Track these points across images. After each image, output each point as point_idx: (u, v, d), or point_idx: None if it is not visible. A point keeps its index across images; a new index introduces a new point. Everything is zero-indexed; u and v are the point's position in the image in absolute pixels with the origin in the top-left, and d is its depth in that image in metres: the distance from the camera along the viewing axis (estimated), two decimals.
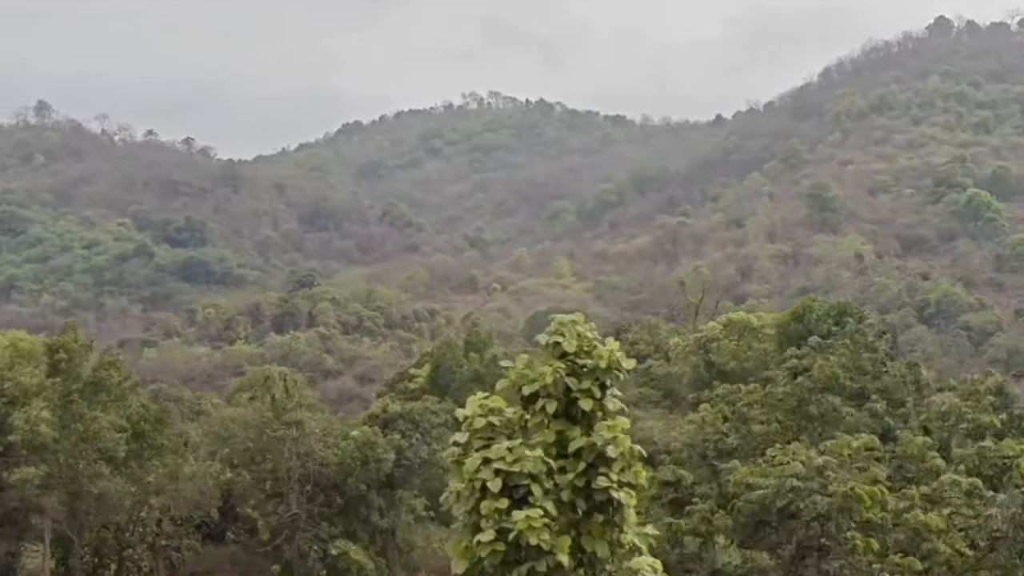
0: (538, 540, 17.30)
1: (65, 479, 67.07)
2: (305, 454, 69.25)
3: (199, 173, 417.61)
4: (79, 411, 68.04)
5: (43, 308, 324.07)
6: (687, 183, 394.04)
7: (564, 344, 18.78)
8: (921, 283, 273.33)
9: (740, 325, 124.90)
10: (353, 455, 69.23)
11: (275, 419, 69.81)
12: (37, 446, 67.13)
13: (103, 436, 68.01)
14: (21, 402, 68.75)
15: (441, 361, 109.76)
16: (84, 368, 71.20)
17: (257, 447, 71.07)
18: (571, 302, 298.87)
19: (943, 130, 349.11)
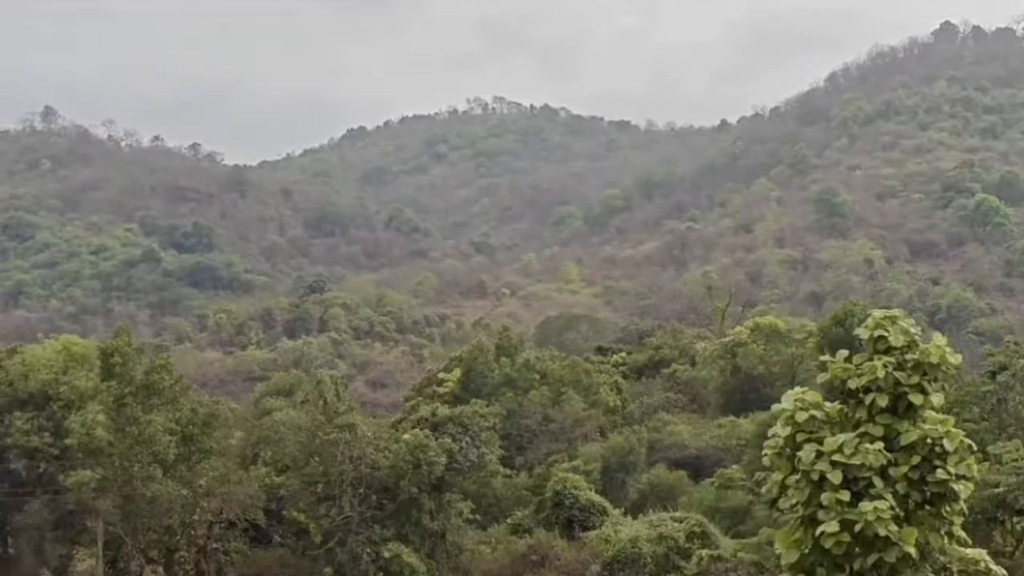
0: (886, 531, 17.66)
1: (119, 482, 67.18)
2: (357, 457, 69.34)
3: (206, 179, 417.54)
4: (133, 414, 68.19)
5: (51, 314, 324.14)
6: (694, 188, 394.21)
7: (891, 339, 18.87)
8: (931, 288, 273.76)
9: (767, 330, 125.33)
10: (405, 458, 69.34)
11: (327, 422, 69.90)
12: (92, 449, 67.31)
13: (156, 439, 68.17)
14: (77, 406, 68.97)
15: (472, 365, 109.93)
16: (137, 371, 71.40)
17: (307, 450, 71.16)
18: (580, 307, 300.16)
19: (951, 135, 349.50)
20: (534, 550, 71.61)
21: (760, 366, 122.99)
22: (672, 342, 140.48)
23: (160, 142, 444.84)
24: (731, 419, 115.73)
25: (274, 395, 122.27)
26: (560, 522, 75.05)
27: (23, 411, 70.38)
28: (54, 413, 70.02)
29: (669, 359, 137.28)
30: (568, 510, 75.73)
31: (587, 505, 76.17)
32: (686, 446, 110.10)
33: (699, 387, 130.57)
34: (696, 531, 72.02)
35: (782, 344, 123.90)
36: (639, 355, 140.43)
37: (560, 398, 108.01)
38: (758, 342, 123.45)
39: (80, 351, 74.33)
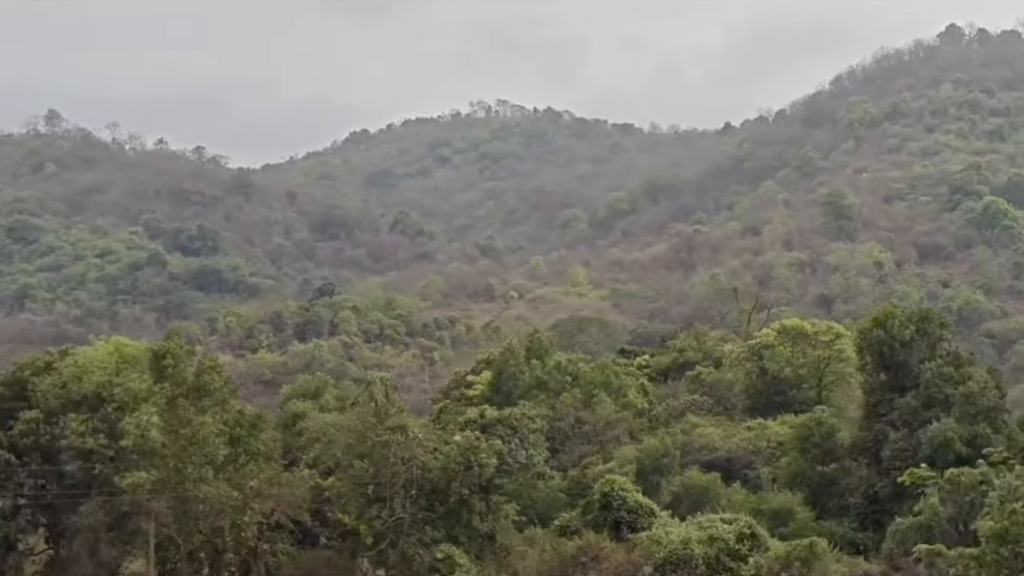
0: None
1: (172, 483, 67.08)
2: (408, 458, 69.24)
3: (210, 182, 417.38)
4: (186, 416, 68.10)
5: (57, 317, 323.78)
6: (699, 191, 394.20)
7: None
8: (941, 291, 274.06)
9: (793, 332, 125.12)
10: (457, 459, 69.24)
11: (378, 424, 69.78)
12: (146, 451, 67.18)
13: (209, 441, 68.08)
14: (131, 407, 68.86)
15: (504, 368, 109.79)
16: (188, 373, 71.32)
17: (356, 452, 71.02)
18: (588, 310, 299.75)
19: (957, 138, 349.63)
20: (583, 551, 71.48)
21: (787, 368, 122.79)
22: (695, 345, 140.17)
23: (164, 145, 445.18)
24: (759, 421, 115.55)
25: (299, 398, 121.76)
26: (608, 524, 74.94)
27: (77, 412, 70.27)
28: (108, 415, 69.83)
29: (693, 362, 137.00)
30: (616, 512, 75.64)
31: (635, 507, 76.10)
32: (716, 448, 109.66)
33: (724, 389, 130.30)
34: (745, 532, 71.98)
35: (808, 346, 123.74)
36: (662, 357, 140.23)
37: (592, 400, 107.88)
38: (784, 344, 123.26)
39: (131, 352, 74.24)
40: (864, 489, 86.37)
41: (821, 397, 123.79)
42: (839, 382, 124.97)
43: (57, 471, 69.65)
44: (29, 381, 73.54)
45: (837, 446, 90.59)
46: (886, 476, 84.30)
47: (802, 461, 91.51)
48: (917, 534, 73.11)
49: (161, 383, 70.39)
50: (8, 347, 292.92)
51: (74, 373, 71.47)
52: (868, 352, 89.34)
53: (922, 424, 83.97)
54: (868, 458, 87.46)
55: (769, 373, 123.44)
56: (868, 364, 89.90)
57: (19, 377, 74.57)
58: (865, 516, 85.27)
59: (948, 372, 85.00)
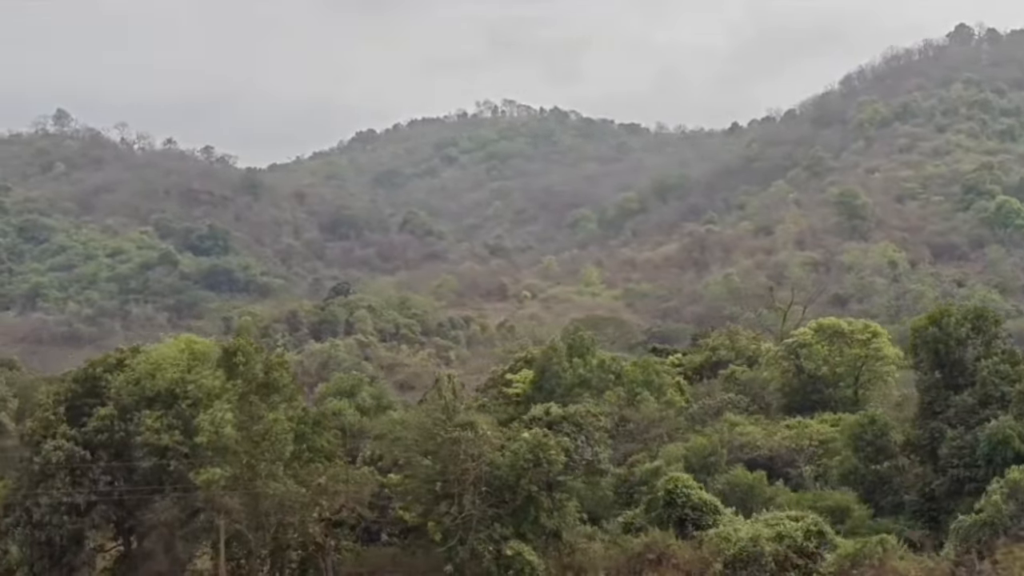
0: None
1: (244, 480, 67.07)
2: (477, 455, 69.26)
3: (219, 182, 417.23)
4: (257, 412, 68.12)
5: (69, 316, 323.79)
6: (709, 191, 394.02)
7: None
8: (956, 290, 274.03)
9: (830, 330, 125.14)
10: (526, 456, 69.25)
11: (447, 421, 69.80)
12: (220, 447, 67.17)
13: (280, 437, 68.12)
14: (204, 404, 68.81)
15: (546, 366, 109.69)
16: (257, 369, 71.26)
17: (423, 449, 71.03)
18: (601, 309, 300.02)
19: (968, 137, 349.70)
20: (650, 548, 71.55)
21: (824, 367, 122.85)
22: (728, 343, 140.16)
23: (172, 145, 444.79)
24: (799, 419, 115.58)
25: (335, 395, 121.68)
26: (672, 521, 74.96)
27: (151, 409, 70.18)
28: (182, 411, 69.79)
29: (726, 360, 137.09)
30: (680, 509, 75.66)
31: (699, 504, 76.14)
32: (758, 447, 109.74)
33: (758, 388, 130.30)
34: (812, 530, 72.04)
35: (845, 345, 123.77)
36: (695, 356, 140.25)
37: (635, 399, 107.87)
38: (821, 343, 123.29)
39: (201, 349, 74.23)
40: (920, 487, 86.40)
41: (858, 396, 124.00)
42: (876, 381, 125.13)
43: (129, 467, 69.57)
44: (101, 378, 73.54)
45: (890, 444, 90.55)
46: (943, 474, 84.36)
47: (854, 459, 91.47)
48: (980, 532, 73.25)
49: (233, 380, 70.40)
50: (21, 346, 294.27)
51: (147, 370, 71.41)
52: (923, 350, 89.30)
53: (979, 422, 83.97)
54: (923, 456, 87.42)
55: (805, 372, 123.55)
56: (923, 362, 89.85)
57: (91, 374, 74.58)
58: (921, 514, 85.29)
59: (1004, 370, 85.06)
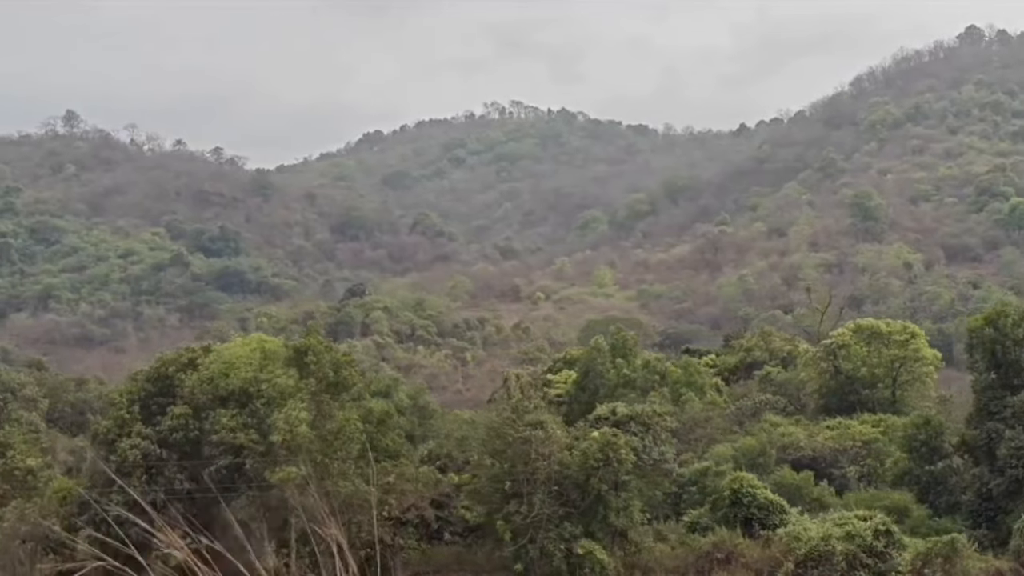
0: None
1: (317, 478, 67.09)
2: (547, 455, 69.31)
3: (229, 183, 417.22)
4: (329, 411, 68.16)
5: (81, 317, 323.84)
6: (719, 192, 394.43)
7: None
8: (972, 292, 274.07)
9: (869, 331, 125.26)
10: (596, 455, 69.31)
11: (517, 420, 69.81)
12: (294, 446, 67.15)
13: (353, 436, 68.18)
14: (278, 403, 68.79)
15: (590, 366, 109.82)
16: (327, 368, 71.27)
17: (492, 448, 71.08)
18: (615, 311, 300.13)
19: (980, 139, 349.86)
20: (718, 548, 71.62)
21: (863, 368, 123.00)
22: (763, 344, 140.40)
23: (182, 146, 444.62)
24: (839, 420, 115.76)
25: (371, 396, 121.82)
26: (738, 520, 75.04)
27: (225, 408, 70.18)
28: (256, 410, 69.80)
29: (760, 361, 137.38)
30: (746, 508, 75.71)
31: (765, 503, 76.17)
32: (801, 447, 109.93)
33: (794, 389, 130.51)
34: (880, 529, 72.06)
35: (883, 346, 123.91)
36: (729, 357, 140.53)
37: (680, 399, 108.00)
38: (860, 344, 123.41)
39: (272, 348, 74.22)
40: (977, 487, 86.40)
41: (895, 396, 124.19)
42: (914, 382, 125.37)
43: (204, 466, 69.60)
44: (174, 377, 73.56)
45: (944, 444, 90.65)
46: (1000, 474, 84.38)
47: (908, 460, 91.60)
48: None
49: (305, 379, 70.44)
50: (34, 348, 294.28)
51: (220, 369, 71.40)
52: (978, 350, 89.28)
53: None
54: (979, 457, 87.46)
55: (843, 372, 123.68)
56: (978, 362, 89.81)
57: (163, 373, 74.56)
58: (978, 514, 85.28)
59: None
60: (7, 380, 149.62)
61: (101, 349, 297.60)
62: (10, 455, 73.03)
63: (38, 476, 72.65)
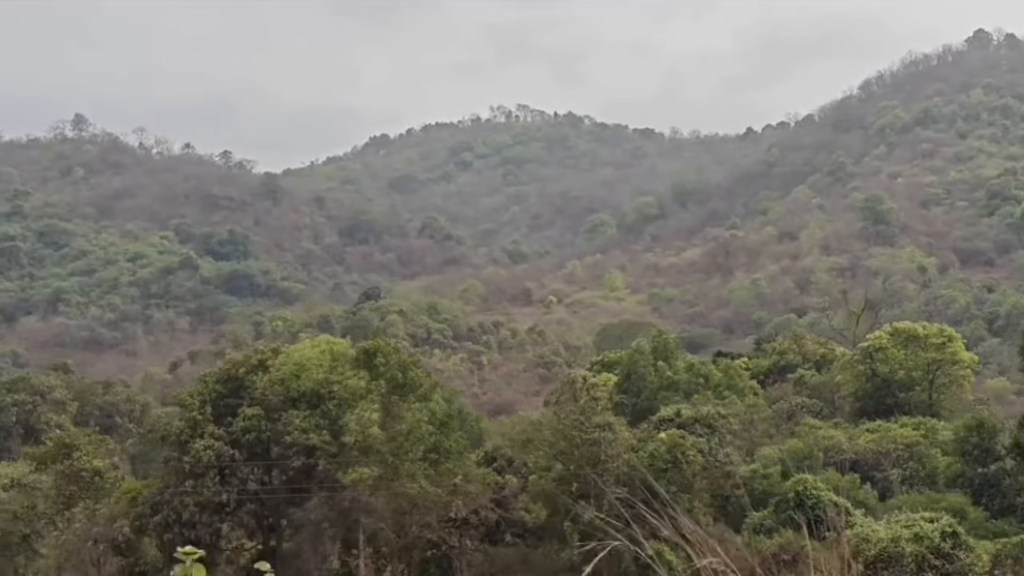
0: None
1: (388, 479, 67.09)
2: (615, 456, 69.39)
3: (238, 186, 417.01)
4: (399, 412, 68.16)
5: (91, 321, 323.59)
6: (728, 196, 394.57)
7: None
8: (987, 295, 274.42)
9: (905, 335, 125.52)
10: (664, 456, 69.39)
11: (585, 422, 69.86)
12: (365, 447, 67.12)
13: (423, 437, 68.23)
14: (349, 404, 68.73)
15: (633, 369, 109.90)
16: (395, 370, 71.26)
17: (558, 449, 71.15)
18: (628, 314, 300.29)
19: (990, 143, 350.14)
20: (784, 550, 71.54)
21: (900, 371, 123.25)
22: (796, 348, 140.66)
23: (191, 150, 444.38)
24: (879, 423, 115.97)
25: None
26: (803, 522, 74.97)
27: (296, 409, 70.11)
28: (328, 411, 69.75)
29: (793, 364, 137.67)
30: (811, 510, 75.69)
31: (829, 505, 76.17)
32: (843, 450, 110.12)
33: (828, 392, 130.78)
34: (947, 531, 72.10)
35: (920, 349, 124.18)
36: (762, 360, 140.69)
37: (723, 402, 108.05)
38: (897, 347, 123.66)
39: (341, 350, 74.22)
40: None
41: (932, 400, 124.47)
42: (950, 385, 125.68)
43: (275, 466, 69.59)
44: (244, 379, 73.49)
45: (996, 447, 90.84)
46: None
47: (962, 463, 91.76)
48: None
49: (375, 380, 70.43)
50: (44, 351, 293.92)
51: (291, 371, 71.36)
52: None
53: None
54: None
55: (879, 376, 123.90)
56: None
57: (233, 375, 74.52)
58: None
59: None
60: (37, 383, 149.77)
61: (111, 352, 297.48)
62: (76, 456, 72.92)
63: (105, 477, 72.58)
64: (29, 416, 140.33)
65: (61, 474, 71.78)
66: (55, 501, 71.57)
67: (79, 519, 67.71)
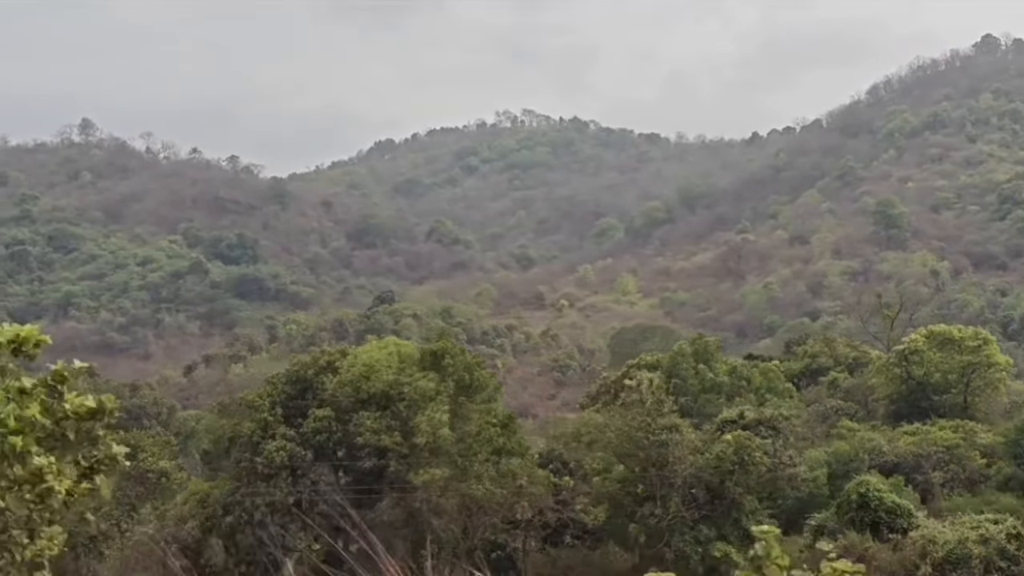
0: None
1: (457, 479, 67.24)
2: (680, 458, 69.55)
3: (245, 191, 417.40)
4: (466, 413, 68.35)
5: (101, 325, 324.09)
6: (736, 200, 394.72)
7: None
8: (1000, 299, 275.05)
9: (941, 337, 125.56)
10: (731, 459, 69.55)
11: (652, 423, 70.01)
12: (435, 448, 67.27)
13: (491, 438, 68.37)
14: (419, 405, 68.86)
15: (674, 371, 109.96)
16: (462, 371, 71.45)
17: (622, 451, 71.27)
18: (640, 318, 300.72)
19: (1000, 147, 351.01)
20: (849, 551, 71.62)
21: (936, 374, 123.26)
22: (827, 350, 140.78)
23: (198, 154, 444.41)
24: (916, 426, 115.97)
25: None
26: (866, 524, 75.18)
27: (366, 411, 70.24)
28: (399, 412, 69.87)
29: (826, 367, 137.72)
30: (874, 512, 75.85)
31: (892, 507, 76.29)
32: (883, 453, 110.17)
33: (861, 395, 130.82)
34: (1012, 532, 72.24)
35: (955, 352, 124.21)
36: (794, 363, 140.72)
37: (764, 404, 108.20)
38: (933, 350, 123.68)
39: (408, 352, 74.39)
40: None
41: (967, 402, 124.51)
42: (985, 387, 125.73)
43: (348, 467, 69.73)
44: (313, 380, 73.65)
45: None
46: None
47: (1012, 465, 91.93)
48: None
49: (444, 381, 70.63)
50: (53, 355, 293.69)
51: (361, 372, 71.51)
52: None
53: None
54: None
55: (914, 378, 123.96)
56: None
57: (301, 376, 74.66)
58: None
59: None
60: None
61: (123, 356, 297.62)
62: (141, 457, 73.00)
63: (171, 479, 72.69)
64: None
65: (126, 475, 71.70)
66: (120, 502, 71.55)
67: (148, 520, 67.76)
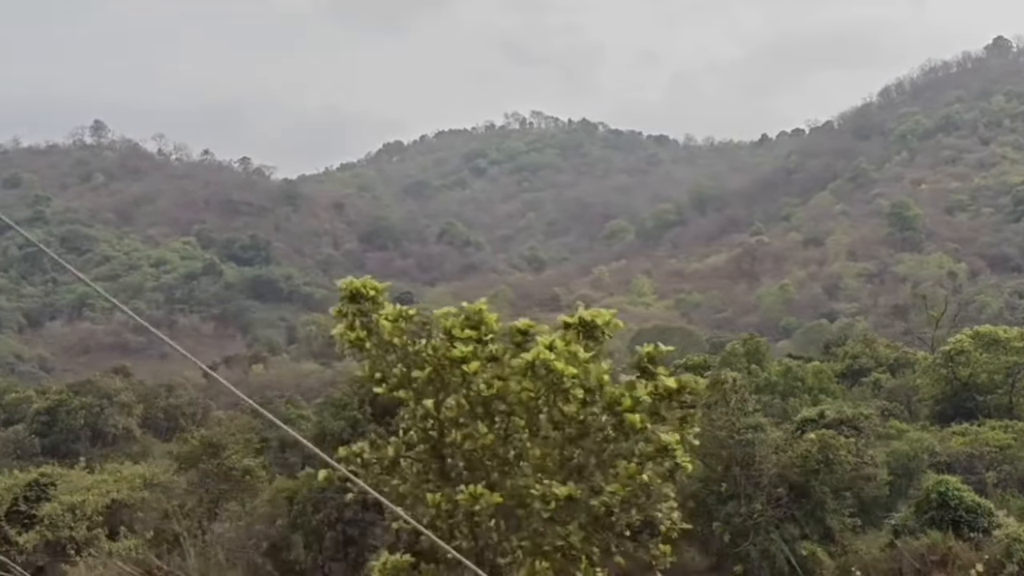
0: None
1: None
2: (765, 456, 69.62)
3: (257, 192, 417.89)
4: None
5: (116, 326, 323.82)
6: (748, 202, 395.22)
7: None
8: (1018, 301, 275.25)
9: (987, 338, 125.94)
10: (816, 457, 69.67)
11: (736, 422, 70.08)
12: None
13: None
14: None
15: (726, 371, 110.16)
16: None
17: (704, 450, 71.25)
18: (656, 319, 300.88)
19: (1014, 149, 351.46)
20: (931, 551, 71.87)
21: (982, 375, 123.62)
22: (868, 351, 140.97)
23: (209, 156, 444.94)
24: (965, 426, 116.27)
25: None
26: (947, 523, 75.29)
27: None
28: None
29: (867, 368, 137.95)
30: (954, 511, 75.95)
31: (973, 506, 76.40)
32: (936, 453, 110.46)
33: (904, 395, 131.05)
34: None
35: (1001, 352, 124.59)
36: (834, 364, 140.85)
37: (817, 404, 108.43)
38: (979, 350, 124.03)
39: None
40: None
41: (1012, 403, 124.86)
42: None
43: None
44: None
45: None
46: None
47: None
48: None
49: None
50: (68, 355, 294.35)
51: None
52: None
53: None
54: None
55: (960, 379, 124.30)
56: None
57: None
58: None
59: None
60: (103, 386, 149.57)
61: (139, 358, 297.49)
62: (224, 455, 73.03)
63: (256, 476, 72.69)
64: (96, 419, 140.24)
65: (209, 473, 71.86)
66: (202, 500, 71.65)
67: (235, 517, 67.80)
